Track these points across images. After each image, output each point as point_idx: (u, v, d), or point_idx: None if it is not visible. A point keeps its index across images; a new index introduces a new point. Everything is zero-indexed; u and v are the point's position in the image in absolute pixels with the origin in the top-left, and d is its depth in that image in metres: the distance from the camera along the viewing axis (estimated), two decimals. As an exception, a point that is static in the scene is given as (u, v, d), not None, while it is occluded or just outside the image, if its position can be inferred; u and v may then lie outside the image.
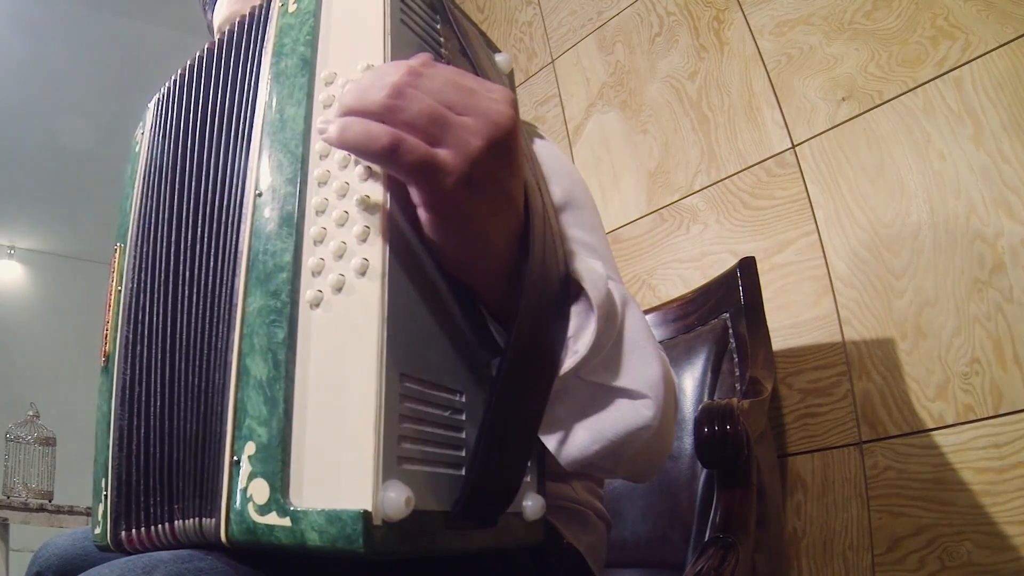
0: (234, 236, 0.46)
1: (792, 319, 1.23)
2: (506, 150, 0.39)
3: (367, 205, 0.40)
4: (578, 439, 0.47)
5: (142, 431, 0.50)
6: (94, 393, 0.57)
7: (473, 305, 0.45)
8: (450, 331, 0.43)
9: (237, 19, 0.54)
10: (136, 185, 0.59)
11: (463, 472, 0.41)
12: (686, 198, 1.44)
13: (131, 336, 0.54)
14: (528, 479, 0.47)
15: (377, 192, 0.40)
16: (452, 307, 0.43)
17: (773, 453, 1.11)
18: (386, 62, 0.43)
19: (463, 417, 0.42)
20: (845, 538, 1.11)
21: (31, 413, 2.60)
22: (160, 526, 0.48)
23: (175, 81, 0.59)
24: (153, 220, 0.55)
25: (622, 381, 0.47)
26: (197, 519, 0.44)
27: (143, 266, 0.55)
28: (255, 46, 0.51)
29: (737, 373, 1.03)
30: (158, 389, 0.50)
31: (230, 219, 0.47)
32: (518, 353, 0.41)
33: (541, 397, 0.45)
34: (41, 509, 2.36)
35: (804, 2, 1.30)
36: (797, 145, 1.28)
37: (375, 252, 0.39)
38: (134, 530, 0.50)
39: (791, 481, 1.19)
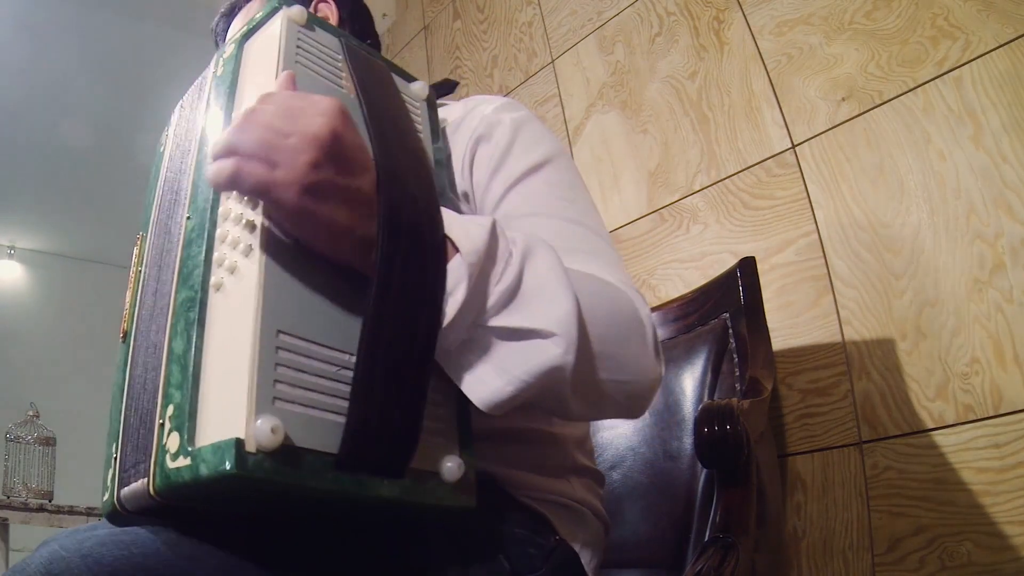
0: (175, 248, 0.55)
1: (792, 319, 1.23)
2: (334, 156, 0.47)
3: (254, 205, 0.50)
4: (491, 384, 0.50)
5: (133, 400, 0.56)
6: (94, 393, 0.58)
7: (359, 280, 0.50)
8: (337, 300, 0.50)
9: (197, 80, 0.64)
10: (160, 181, 0.66)
11: None
12: (686, 198, 1.44)
13: (139, 314, 0.60)
14: (443, 440, 0.51)
15: None
16: (336, 279, 0.50)
17: (773, 453, 1.12)
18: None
19: (351, 373, 0.48)
20: (845, 538, 1.11)
21: (31, 413, 2.59)
22: (128, 487, 0.52)
23: (187, 96, 0.67)
24: (157, 219, 0.62)
25: (526, 322, 0.49)
26: (142, 480, 0.49)
27: (154, 255, 0.61)
28: (200, 101, 0.63)
29: (737, 373, 1.03)
30: (141, 364, 0.56)
31: (176, 234, 0.56)
32: (381, 306, 0.46)
33: (418, 349, 0.48)
34: (41, 509, 2.35)
35: (804, 2, 1.30)
36: (797, 145, 1.28)
37: (255, 237, 0.49)
38: (123, 490, 0.53)
39: (791, 481, 1.19)
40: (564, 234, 0.62)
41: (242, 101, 0.57)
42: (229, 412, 0.43)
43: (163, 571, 0.47)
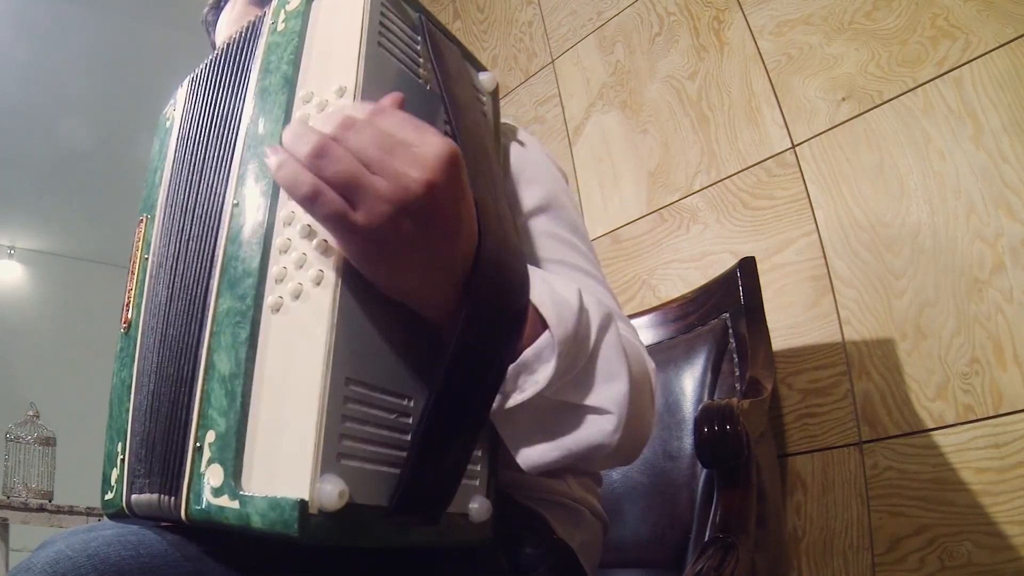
0: (213, 239, 0.50)
1: (792, 319, 1.23)
2: (420, 213, 0.42)
3: None
4: (539, 448, 0.51)
5: (148, 399, 0.54)
6: (94, 393, 0.57)
7: (424, 321, 0.48)
8: (401, 342, 0.46)
9: (236, 31, 0.58)
10: (167, 159, 0.61)
11: None
12: (686, 198, 1.44)
13: (152, 304, 0.57)
14: (476, 483, 0.51)
15: None
16: (403, 321, 0.46)
17: (773, 453, 1.11)
18: (358, 85, 0.47)
19: (410, 421, 0.46)
20: (845, 538, 1.11)
21: (31, 413, 2.59)
22: (140, 495, 0.51)
23: (203, 68, 0.62)
24: (176, 199, 0.58)
25: (588, 400, 0.50)
26: (163, 496, 0.48)
27: (166, 239, 0.58)
28: (246, 61, 0.55)
29: (737, 373, 1.03)
30: (158, 364, 0.53)
31: (212, 223, 0.51)
32: (454, 370, 0.44)
33: (480, 408, 0.47)
34: (41, 509, 2.35)
35: (804, 2, 1.30)
36: (797, 145, 1.28)
37: (330, 264, 0.43)
38: (135, 495, 0.52)
39: (791, 481, 1.19)
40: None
41: (307, 77, 0.49)
42: (291, 465, 0.39)
43: (170, 572, 0.47)
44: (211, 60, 0.60)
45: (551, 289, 0.50)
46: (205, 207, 0.53)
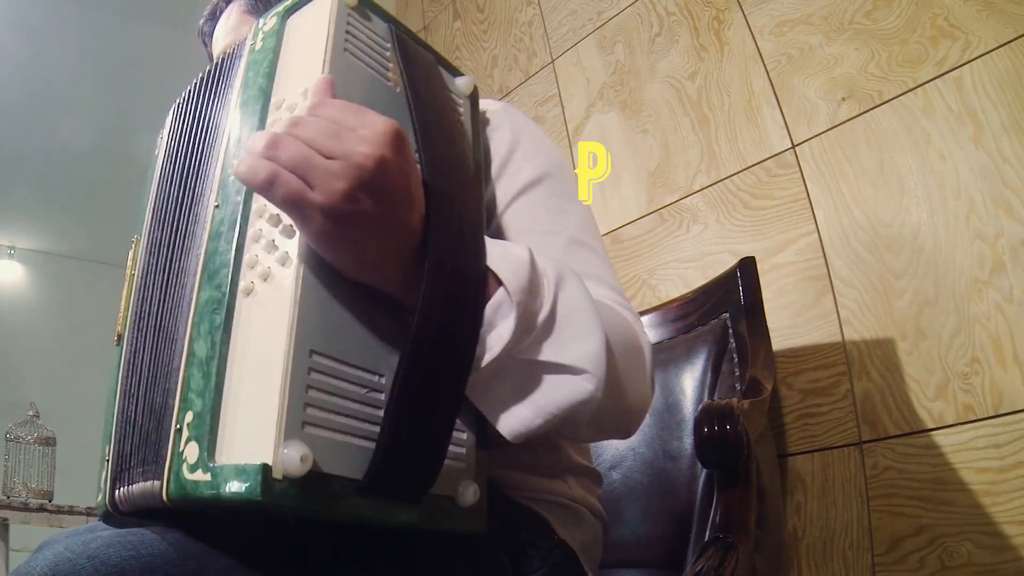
0: (200, 238, 0.52)
1: (792, 319, 1.23)
2: (375, 188, 0.44)
3: None
4: (520, 415, 0.51)
5: (134, 401, 0.55)
6: (94, 393, 0.58)
7: (390, 299, 0.50)
8: (368, 319, 0.48)
9: (221, 53, 0.62)
10: (153, 184, 0.65)
11: None
12: (686, 198, 1.44)
13: (135, 316, 0.59)
14: (463, 466, 0.51)
15: None
16: (369, 298, 0.49)
17: (773, 453, 1.11)
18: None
19: (383, 397, 0.47)
20: (845, 538, 1.11)
21: (31, 413, 2.59)
22: (131, 487, 0.52)
23: (187, 92, 0.65)
24: (160, 217, 0.61)
25: (559, 357, 0.50)
26: (152, 482, 0.49)
27: (149, 255, 0.60)
28: (229, 79, 0.59)
29: (737, 373, 1.03)
30: (147, 364, 0.55)
31: (199, 224, 0.53)
32: (421, 339, 0.46)
33: (452, 381, 0.48)
34: (41, 509, 2.35)
35: (804, 2, 1.30)
36: (797, 145, 1.28)
37: (293, 245, 0.46)
38: (120, 490, 0.53)
39: (791, 481, 1.19)
40: (566, 254, 0.63)
41: (280, 86, 0.53)
42: (256, 433, 0.41)
43: (171, 571, 0.47)
44: (195, 84, 0.64)
45: (503, 249, 0.51)
46: (190, 214, 0.55)
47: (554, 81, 1.77)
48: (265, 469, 0.39)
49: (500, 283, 0.49)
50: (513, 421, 0.51)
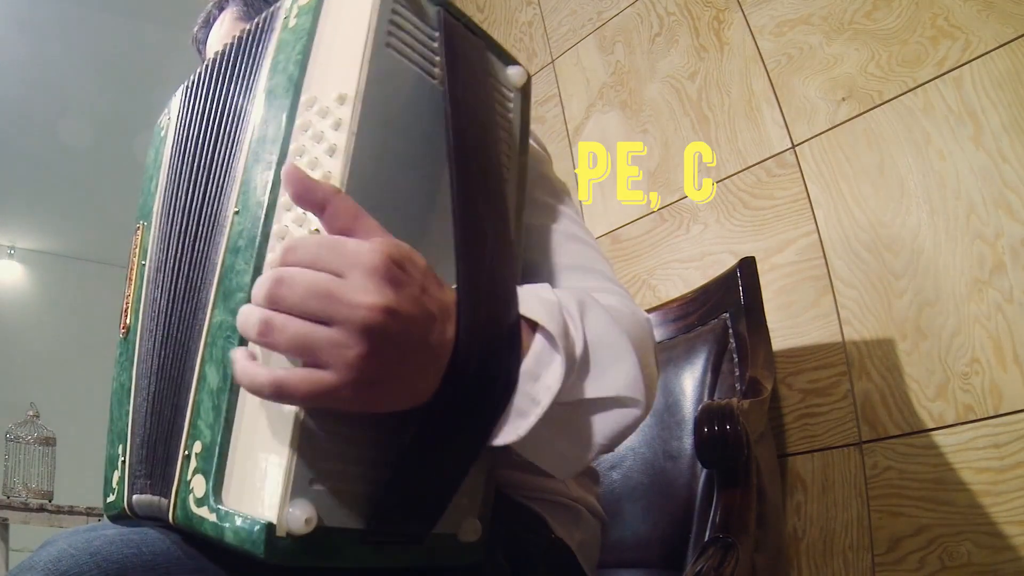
0: (214, 246, 0.49)
1: (792, 319, 1.23)
2: (388, 339, 0.39)
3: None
4: (571, 455, 0.50)
5: (146, 406, 0.54)
6: (94, 393, 0.58)
7: None
8: None
9: (248, 27, 0.56)
10: (162, 167, 0.61)
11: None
12: (686, 198, 1.44)
13: (150, 313, 0.57)
14: (466, 501, 0.50)
15: None
16: None
17: (773, 453, 1.11)
18: (359, 92, 0.45)
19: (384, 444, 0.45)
20: (845, 538, 1.11)
21: (31, 413, 2.59)
22: (140, 496, 0.52)
23: (199, 74, 0.61)
24: (172, 205, 0.58)
25: (602, 391, 0.48)
26: (160, 498, 0.49)
27: (162, 246, 0.58)
28: (258, 56, 0.53)
29: (737, 373, 1.03)
30: (159, 370, 0.53)
31: (214, 229, 0.50)
32: (439, 407, 0.43)
33: (472, 439, 0.46)
34: (41, 509, 2.35)
35: (804, 2, 1.30)
36: (797, 145, 1.28)
37: None
38: (135, 496, 0.53)
39: (791, 481, 1.19)
40: (562, 249, 0.64)
41: (312, 80, 0.47)
42: (263, 485, 0.40)
43: (173, 569, 0.47)
44: (214, 60, 0.59)
45: (533, 294, 0.49)
46: (206, 212, 0.52)
47: (554, 81, 1.77)
48: (269, 528, 0.39)
49: (534, 328, 0.47)
50: (565, 464, 0.50)
